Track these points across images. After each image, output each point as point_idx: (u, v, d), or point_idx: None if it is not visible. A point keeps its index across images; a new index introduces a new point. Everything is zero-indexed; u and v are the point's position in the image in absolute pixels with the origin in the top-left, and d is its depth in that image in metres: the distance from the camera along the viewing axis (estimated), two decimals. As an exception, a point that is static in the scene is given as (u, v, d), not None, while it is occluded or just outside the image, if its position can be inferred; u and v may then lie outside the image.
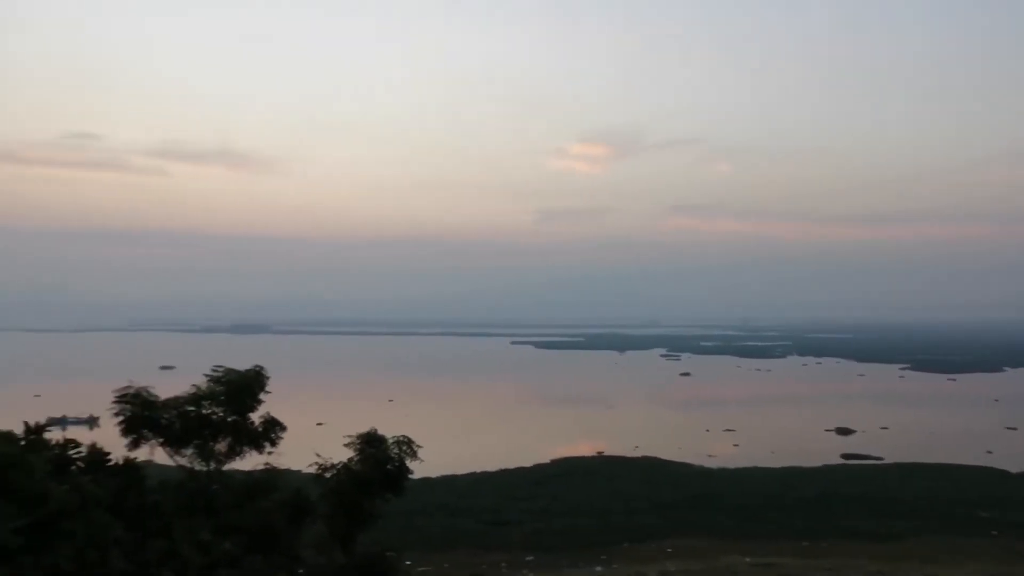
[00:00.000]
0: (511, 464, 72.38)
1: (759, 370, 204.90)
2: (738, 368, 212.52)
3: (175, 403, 19.20)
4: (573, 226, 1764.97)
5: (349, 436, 20.70)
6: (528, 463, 72.87)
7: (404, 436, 20.42)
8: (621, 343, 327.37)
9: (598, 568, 41.07)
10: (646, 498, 57.96)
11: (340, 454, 20.96)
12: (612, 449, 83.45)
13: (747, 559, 41.19)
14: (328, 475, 19.93)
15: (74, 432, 17.66)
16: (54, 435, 15.03)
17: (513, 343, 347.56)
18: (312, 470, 21.14)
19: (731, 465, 74.70)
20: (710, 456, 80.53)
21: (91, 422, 79.03)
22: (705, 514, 52.51)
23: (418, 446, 20.26)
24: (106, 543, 12.15)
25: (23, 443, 13.59)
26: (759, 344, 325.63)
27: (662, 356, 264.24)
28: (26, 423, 14.39)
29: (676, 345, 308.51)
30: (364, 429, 21.12)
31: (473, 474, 67.70)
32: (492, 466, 71.00)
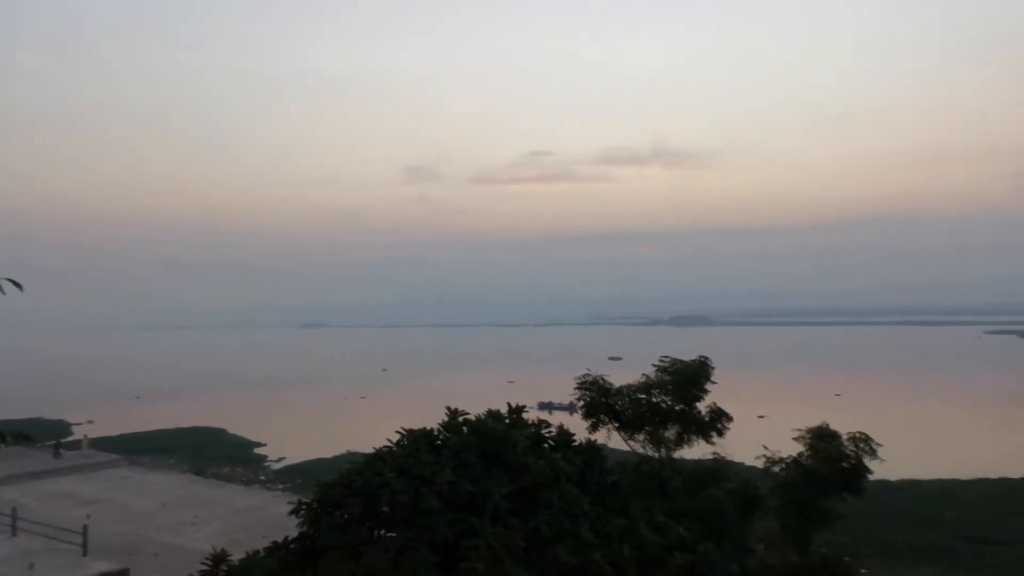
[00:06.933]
0: (991, 474, 62.49)
1: None
2: None
3: (628, 390, 20.59)
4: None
5: (797, 430, 19.94)
6: (1017, 474, 62.18)
7: (861, 432, 18.96)
8: None
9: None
10: None
11: (786, 448, 20.32)
12: None
13: None
14: (777, 469, 19.42)
15: (558, 416, 19.98)
16: (529, 415, 17.13)
17: (988, 332, 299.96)
18: (758, 463, 20.84)
19: None
20: None
21: (571, 408, 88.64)
22: None
23: (877, 444, 18.63)
24: (576, 514, 13.52)
25: (507, 422, 15.77)
26: None
27: None
28: (509, 404, 16.66)
29: None
30: (807, 423, 20.18)
31: (940, 481, 60.01)
32: (963, 474, 62.10)
